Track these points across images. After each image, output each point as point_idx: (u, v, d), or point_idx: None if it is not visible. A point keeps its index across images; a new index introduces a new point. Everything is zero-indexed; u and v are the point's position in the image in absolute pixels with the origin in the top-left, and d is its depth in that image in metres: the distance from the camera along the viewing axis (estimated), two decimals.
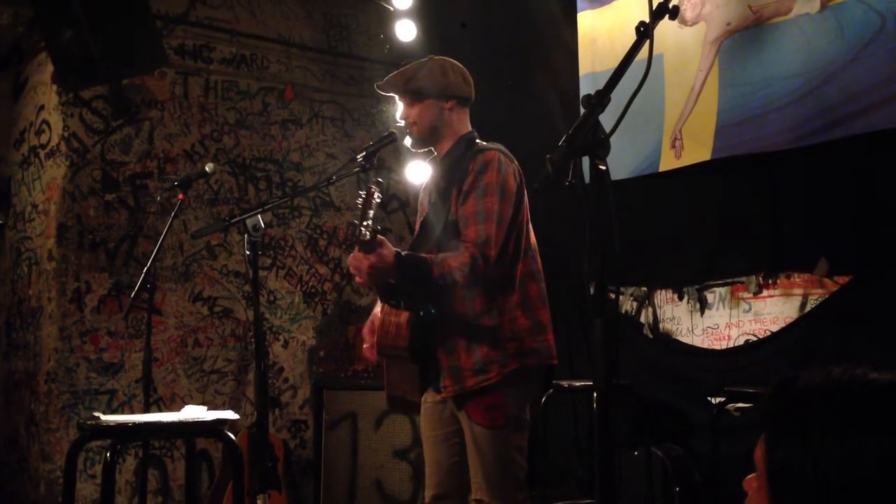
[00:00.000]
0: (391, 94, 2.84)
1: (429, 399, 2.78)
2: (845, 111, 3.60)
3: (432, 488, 2.78)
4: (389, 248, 2.44)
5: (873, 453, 1.00)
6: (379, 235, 2.42)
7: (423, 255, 2.55)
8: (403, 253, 2.49)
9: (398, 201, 5.89)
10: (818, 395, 1.06)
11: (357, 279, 2.53)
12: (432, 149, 2.84)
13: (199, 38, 5.20)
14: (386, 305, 2.65)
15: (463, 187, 2.63)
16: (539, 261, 2.76)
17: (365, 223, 2.37)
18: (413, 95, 2.75)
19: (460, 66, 2.84)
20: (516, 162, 2.73)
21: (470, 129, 2.83)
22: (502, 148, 2.73)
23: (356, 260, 2.44)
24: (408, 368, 2.68)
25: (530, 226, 2.76)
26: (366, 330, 2.81)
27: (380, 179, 2.60)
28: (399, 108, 2.82)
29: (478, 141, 2.80)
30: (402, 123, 2.80)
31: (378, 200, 2.42)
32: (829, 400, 1.05)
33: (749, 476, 1.15)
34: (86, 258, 4.75)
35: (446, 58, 2.85)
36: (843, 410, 1.04)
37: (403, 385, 2.72)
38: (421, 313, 2.60)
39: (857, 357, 1.12)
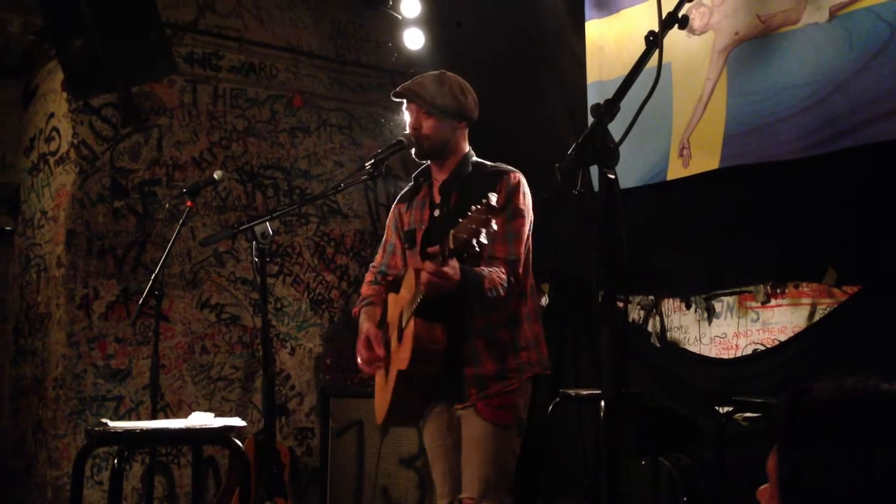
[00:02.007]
0: (402, 101, 2.83)
1: (434, 409, 2.79)
2: (853, 121, 3.59)
3: (446, 496, 2.79)
4: (456, 262, 2.47)
5: (883, 463, 1.00)
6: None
7: (477, 269, 2.58)
8: (465, 267, 2.51)
9: None
10: (830, 405, 1.07)
11: (424, 288, 2.49)
12: (436, 163, 2.85)
13: (208, 47, 5.23)
14: (419, 318, 2.60)
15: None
16: (532, 275, 2.84)
17: (480, 237, 2.29)
18: (431, 109, 2.76)
19: (469, 86, 2.87)
20: None
21: (468, 147, 2.87)
22: (516, 169, 2.80)
23: (431, 271, 2.42)
24: (423, 383, 2.67)
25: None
26: (360, 345, 2.80)
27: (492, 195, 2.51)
28: (408, 115, 2.82)
29: (480, 160, 2.84)
30: (409, 132, 2.80)
31: (488, 227, 2.37)
32: (841, 410, 1.06)
33: (762, 486, 1.15)
34: (94, 265, 4.77)
35: (457, 76, 2.86)
36: (853, 420, 1.04)
37: (412, 402, 2.72)
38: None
39: (866, 367, 1.12)
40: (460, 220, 2.31)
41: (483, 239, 2.29)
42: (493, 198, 2.30)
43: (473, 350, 2.68)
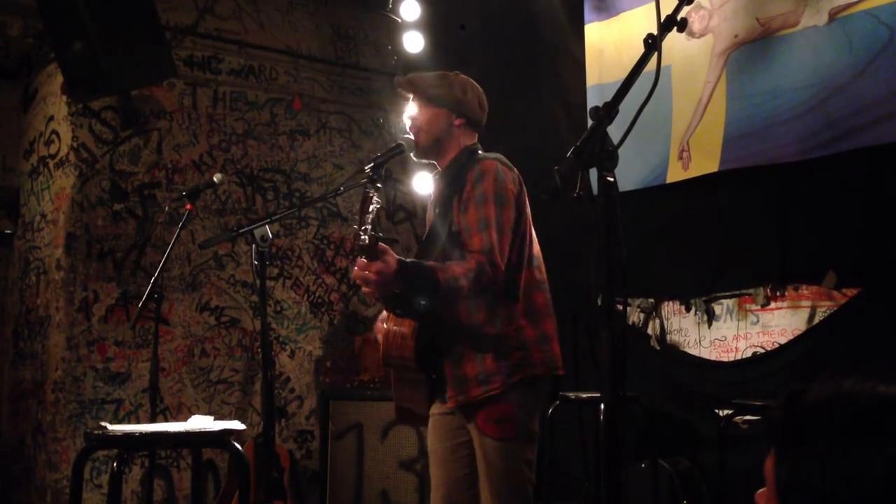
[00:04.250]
0: (407, 93, 2.83)
1: (436, 411, 2.75)
2: (853, 124, 3.59)
3: (440, 501, 2.74)
4: (392, 256, 2.43)
5: (879, 463, 1.00)
6: (381, 243, 2.41)
7: (428, 262, 2.55)
8: (407, 260, 2.49)
9: (405, 212, 5.91)
10: (826, 406, 1.07)
11: (363, 289, 2.52)
12: (435, 162, 2.85)
13: (208, 50, 5.23)
14: (392, 316, 2.65)
15: (462, 197, 2.63)
16: (544, 271, 2.74)
17: (364, 228, 2.38)
18: (427, 99, 2.75)
19: (480, 90, 2.84)
20: (516, 170, 2.72)
21: (475, 142, 2.83)
22: (501, 157, 2.73)
23: (361, 269, 2.43)
24: (416, 379, 2.67)
25: (534, 235, 2.75)
26: (378, 326, 2.79)
27: (378, 185, 2.60)
28: (409, 108, 2.82)
29: (479, 152, 2.80)
30: (408, 124, 2.80)
31: (376, 205, 2.44)
32: (837, 411, 1.06)
33: (760, 490, 1.15)
34: (94, 268, 4.77)
35: (471, 79, 2.86)
36: (850, 421, 1.04)
37: (412, 397, 2.71)
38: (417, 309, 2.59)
39: (865, 370, 1.12)
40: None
41: (365, 237, 2.37)
42: (370, 194, 2.47)
43: (455, 350, 2.62)
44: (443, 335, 2.64)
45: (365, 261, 2.41)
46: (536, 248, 2.74)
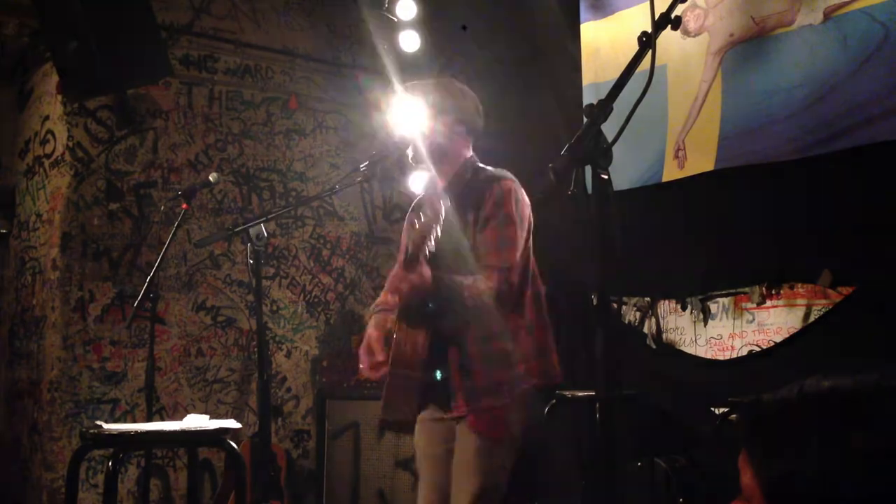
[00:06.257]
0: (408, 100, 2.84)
1: (427, 416, 2.77)
2: (848, 122, 3.60)
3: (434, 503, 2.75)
4: (428, 271, 2.46)
5: (873, 458, 1.00)
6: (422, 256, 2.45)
7: (456, 278, 2.57)
8: (441, 276, 2.51)
9: (401, 211, 5.90)
10: (801, 408, 1.06)
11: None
12: (434, 170, 2.85)
13: (204, 49, 5.22)
14: (402, 324, 2.64)
15: (481, 214, 2.66)
16: (540, 283, 2.80)
17: (434, 238, 2.39)
18: (427, 107, 2.76)
19: (475, 96, 2.86)
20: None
21: (472, 153, 2.85)
22: (512, 176, 2.76)
23: (398, 279, 2.47)
24: (412, 387, 2.68)
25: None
26: (362, 350, 2.79)
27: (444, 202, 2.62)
28: (409, 116, 2.82)
29: (483, 165, 2.82)
30: (408, 132, 2.80)
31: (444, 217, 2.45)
32: (822, 408, 1.05)
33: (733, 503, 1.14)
34: (89, 267, 4.76)
35: (465, 86, 2.87)
36: (839, 416, 1.04)
37: (403, 405, 2.71)
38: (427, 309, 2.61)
39: (862, 369, 1.12)
40: (437, 227, 2.38)
41: (431, 247, 2.38)
42: (443, 209, 2.42)
43: (463, 360, 2.65)
44: (454, 346, 2.67)
45: (403, 270, 2.45)
46: (533, 260, 2.80)
